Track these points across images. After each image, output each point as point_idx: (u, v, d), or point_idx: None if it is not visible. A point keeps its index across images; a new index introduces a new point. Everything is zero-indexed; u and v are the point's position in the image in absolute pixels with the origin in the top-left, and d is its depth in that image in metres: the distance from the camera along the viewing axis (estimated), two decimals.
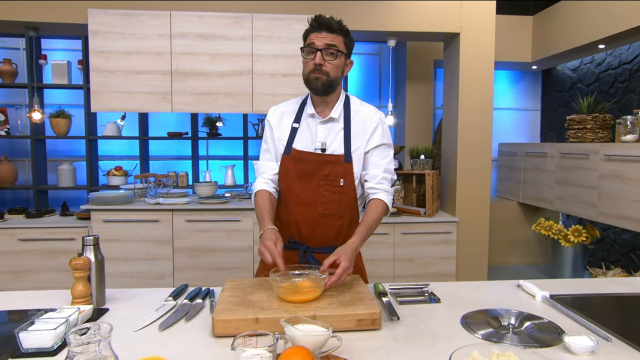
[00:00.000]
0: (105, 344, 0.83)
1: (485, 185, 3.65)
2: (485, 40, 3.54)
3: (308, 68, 1.56)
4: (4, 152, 4.47)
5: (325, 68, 1.54)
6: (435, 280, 3.57)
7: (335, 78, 1.58)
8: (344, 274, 1.32)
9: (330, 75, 1.55)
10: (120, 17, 3.30)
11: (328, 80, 1.56)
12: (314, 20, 1.55)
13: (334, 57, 1.54)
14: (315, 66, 1.53)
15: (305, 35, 1.58)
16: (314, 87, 1.57)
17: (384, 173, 1.63)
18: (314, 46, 1.53)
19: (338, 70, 1.58)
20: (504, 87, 5.18)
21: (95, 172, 4.42)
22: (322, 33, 1.53)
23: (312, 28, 1.55)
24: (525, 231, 4.73)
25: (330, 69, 1.55)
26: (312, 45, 1.53)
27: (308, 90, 1.62)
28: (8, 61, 4.22)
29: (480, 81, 3.55)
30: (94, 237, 1.36)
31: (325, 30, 1.53)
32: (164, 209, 3.35)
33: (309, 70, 1.55)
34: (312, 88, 1.58)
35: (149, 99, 3.37)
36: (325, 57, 1.53)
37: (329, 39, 1.53)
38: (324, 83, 1.55)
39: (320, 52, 1.52)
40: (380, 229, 3.52)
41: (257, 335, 0.98)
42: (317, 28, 1.54)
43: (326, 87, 1.57)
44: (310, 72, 1.55)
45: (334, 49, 1.53)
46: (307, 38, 1.57)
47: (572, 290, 1.58)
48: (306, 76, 1.57)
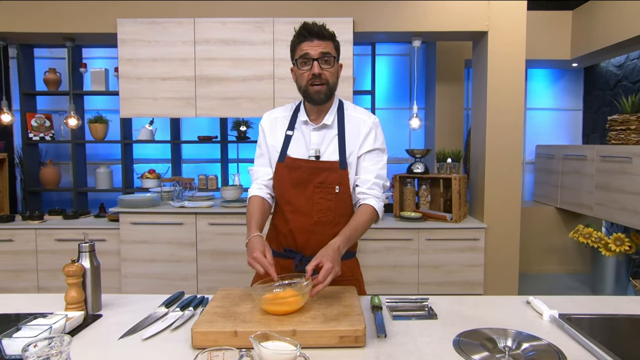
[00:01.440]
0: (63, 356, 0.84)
1: (515, 189, 3.47)
2: (515, 39, 3.37)
3: (305, 79, 1.52)
4: (49, 156, 4.73)
5: (325, 76, 1.50)
6: (462, 289, 3.45)
7: (334, 85, 1.55)
8: (327, 275, 1.28)
9: (330, 83, 1.53)
10: (147, 26, 3.40)
11: (329, 88, 1.53)
12: (304, 30, 1.49)
13: (330, 64, 1.51)
14: (314, 76, 1.49)
15: (294, 45, 1.53)
16: (316, 100, 1.54)
17: (375, 179, 1.58)
18: (309, 56, 1.48)
19: (335, 77, 1.55)
20: (541, 86, 4.93)
21: (130, 175, 4.59)
22: (315, 41, 1.48)
23: (302, 37, 1.49)
24: (563, 238, 4.47)
25: (328, 77, 1.51)
26: (306, 56, 1.49)
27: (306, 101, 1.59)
28: (53, 70, 4.46)
29: (510, 81, 3.39)
30: (89, 244, 1.40)
31: (317, 39, 1.48)
32: (188, 212, 3.42)
33: (307, 82, 1.52)
34: (313, 100, 1.54)
35: (174, 104, 3.46)
36: (322, 65, 1.50)
37: (322, 46, 1.48)
38: (325, 93, 1.53)
39: (317, 61, 1.48)
40: (404, 235, 3.45)
41: (225, 350, 0.96)
42: (308, 37, 1.48)
43: (328, 97, 1.55)
44: (309, 84, 1.52)
45: (329, 57, 1.50)
46: (298, 48, 1.51)
47: (589, 309, 1.46)
48: (304, 88, 1.53)
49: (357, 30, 3.44)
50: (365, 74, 4.57)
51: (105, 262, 3.51)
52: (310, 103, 1.57)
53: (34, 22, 3.49)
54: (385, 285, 3.51)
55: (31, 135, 4.43)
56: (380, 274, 3.51)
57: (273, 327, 1.16)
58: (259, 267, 1.34)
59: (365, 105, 4.66)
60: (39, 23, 3.49)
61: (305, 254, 1.60)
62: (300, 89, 1.55)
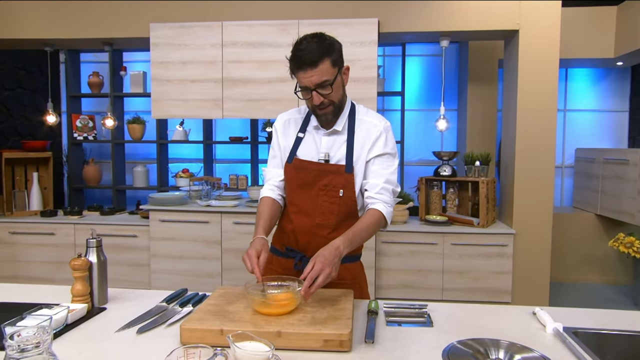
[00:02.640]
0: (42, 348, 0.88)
1: (547, 195, 3.32)
2: (548, 37, 3.23)
3: (310, 104, 1.53)
4: (92, 155, 4.99)
5: (326, 101, 1.49)
6: (488, 296, 3.34)
7: (340, 101, 1.55)
8: (315, 277, 1.26)
9: (335, 102, 1.52)
10: (178, 30, 3.52)
11: (335, 107, 1.53)
12: (296, 58, 1.43)
13: (329, 89, 1.47)
14: (315, 105, 1.49)
15: (291, 71, 1.49)
16: (323, 121, 1.57)
17: (384, 183, 1.55)
18: (307, 87, 1.46)
19: (339, 92, 1.53)
20: (582, 86, 4.68)
21: (165, 174, 4.76)
22: (308, 71, 1.42)
23: (295, 67, 1.45)
24: (603, 247, 4.22)
25: (332, 97, 1.50)
26: (303, 87, 1.47)
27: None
28: (96, 74, 4.70)
29: (543, 81, 3.24)
30: (96, 239, 1.46)
31: (309, 67, 1.42)
32: (213, 211, 3.50)
33: (312, 108, 1.53)
34: (321, 122, 1.58)
35: (202, 106, 3.56)
36: (321, 91, 1.46)
37: (316, 75, 1.42)
38: (332, 112, 1.54)
39: (315, 91, 1.46)
40: (429, 239, 3.39)
41: (202, 347, 0.98)
42: (300, 67, 1.43)
43: (335, 113, 1.56)
44: (314, 109, 1.53)
45: (325, 84, 1.46)
46: (296, 75, 1.47)
47: (602, 323, 1.38)
48: (312, 110, 1.55)
49: (382, 30, 3.41)
50: (396, 75, 4.52)
51: (136, 257, 3.67)
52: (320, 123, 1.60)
53: (75, 28, 3.69)
54: (409, 290, 3.45)
55: (76, 135, 4.69)
56: (404, 278, 3.45)
57: (260, 328, 1.17)
58: (249, 264, 1.36)
59: (395, 107, 4.60)
60: (80, 29, 3.69)
61: (306, 254, 1.60)
62: (309, 108, 1.59)
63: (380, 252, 3.44)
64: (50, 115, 4.11)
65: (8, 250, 3.80)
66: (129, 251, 3.67)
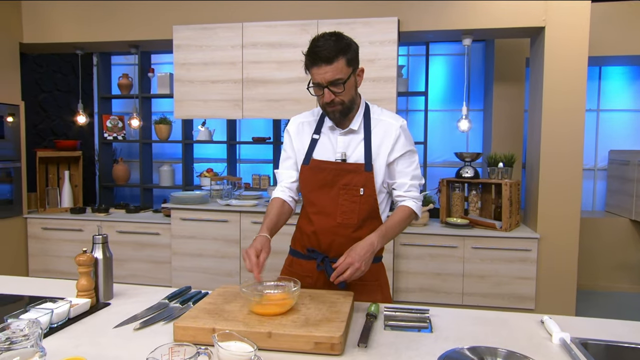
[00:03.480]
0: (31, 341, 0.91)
1: (574, 198, 3.18)
2: (576, 34, 3.09)
3: (321, 101, 1.53)
4: (122, 155, 5.15)
5: (337, 99, 1.49)
6: (511, 302, 3.24)
7: (351, 101, 1.54)
8: (345, 270, 1.35)
9: (345, 102, 1.52)
10: (200, 31, 3.58)
11: (344, 107, 1.53)
12: (312, 54, 1.44)
13: (341, 87, 1.47)
14: (326, 103, 1.50)
15: (306, 66, 1.49)
16: (332, 119, 1.57)
17: (411, 180, 1.60)
18: (319, 83, 1.46)
19: (351, 93, 1.52)
20: (617, 85, 4.47)
21: (190, 173, 4.85)
22: (322, 67, 1.43)
23: (309, 63, 1.46)
24: (638, 254, 4.02)
25: (343, 96, 1.50)
26: (317, 82, 1.47)
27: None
28: (125, 76, 4.85)
29: (570, 80, 3.11)
30: (102, 236, 1.50)
31: (324, 63, 1.42)
32: (233, 211, 3.54)
33: (322, 105, 1.54)
34: (330, 119, 1.58)
35: (222, 106, 3.60)
36: (333, 89, 1.47)
37: (329, 73, 1.43)
38: (341, 112, 1.53)
39: (327, 88, 1.46)
40: (449, 242, 3.31)
41: (186, 345, 0.99)
42: (314, 62, 1.44)
43: (345, 114, 1.55)
44: (324, 106, 1.53)
45: (338, 82, 1.46)
46: (309, 71, 1.49)
47: (616, 335, 1.30)
48: (323, 108, 1.55)
49: (403, 29, 3.35)
50: (420, 74, 4.44)
51: (158, 254, 3.76)
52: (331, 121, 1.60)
53: (103, 32, 3.81)
54: (428, 294, 3.38)
55: (106, 135, 4.85)
56: (423, 281, 3.39)
57: (251, 328, 1.17)
58: (248, 263, 1.37)
59: (419, 107, 4.53)
60: (107, 32, 3.81)
61: (329, 255, 1.60)
62: (319, 105, 1.58)
63: (398, 254, 3.39)
64: (80, 116, 4.27)
65: (41, 245, 3.96)
66: (151, 248, 3.76)
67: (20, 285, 1.67)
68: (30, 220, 3.97)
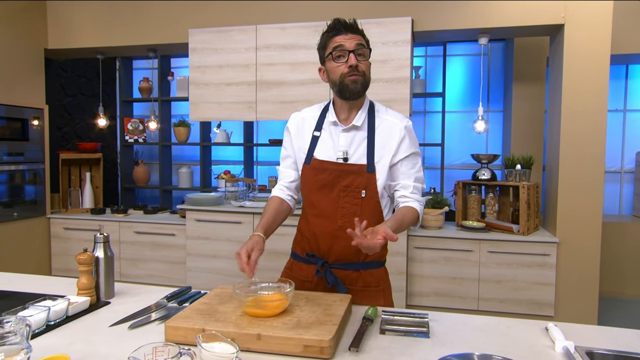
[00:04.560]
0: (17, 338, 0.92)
1: (596, 201, 3.06)
2: (598, 32, 2.97)
3: (340, 72, 1.48)
4: (143, 157, 5.25)
5: (361, 68, 1.48)
6: (529, 309, 3.15)
7: (368, 79, 1.52)
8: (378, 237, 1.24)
9: (366, 76, 1.50)
10: (215, 34, 3.61)
11: (365, 80, 1.50)
12: (338, 23, 1.49)
13: (365, 57, 1.49)
14: (351, 68, 1.46)
15: (326, 40, 1.51)
16: (353, 91, 1.48)
17: (414, 182, 1.56)
18: (345, 48, 1.46)
19: (369, 71, 1.52)
20: None
21: (208, 175, 4.91)
22: (349, 34, 1.47)
23: (336, 31, 1.49)
24: None
25: (365, 68, 1.49)
26: (341, 48, 1.46)
27: (339, 97, 1.54)
28: (146, 79, 4.95)
29: (591, 80, 2.99)
30: (104, 235, 1.52)
31: (350, 32, 1.48)
32: (246, 212, 3.55)
33: (344, 74, 1.47)
34: (350, 92, 1.48)
35: (237, 108, 3.63)
36: (358, 57, 1.47)
37: (356, 39, 1.48)
38: (362, 84, 1.49)
39: (353, 52, 1.46)
40: (465, 245, 3.25)
41: (170, 345, 0.99)
42: (342, 30, 1.48)
43: (364, 89, 1.51)
44: (345, 76, 1.47)
45: (364, 49, 1.48)
46: (331, 42, 1.49)
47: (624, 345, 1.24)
48: (340, 81, 1.48)
49: (417, 29, 3.31)
50: (438, 75, 4.37)
51: (173, 255, 3.81)
52: (345, 97, 1.51)
53: (122, 36, 3.90)
54: (442, 298, 3.31)
55: (127, 138, 4.96)
56: (438, 285, 3.32)
57: (241, 329, 1.16)
58: (238, 264, 1.37)
59: (436, 109, 4.46)
60: (126, 37, 3.89)
61: (328, 260, 1.57)
62: (335, 84, 1.51)
63: (412, 257, 3.33)
64: (101, 119, 4.37)
65: (63, 245, 4.07)
66: (167, 249, 3.81)
67: (25, 282, 1.71)
68: (53, 220, 4.08)
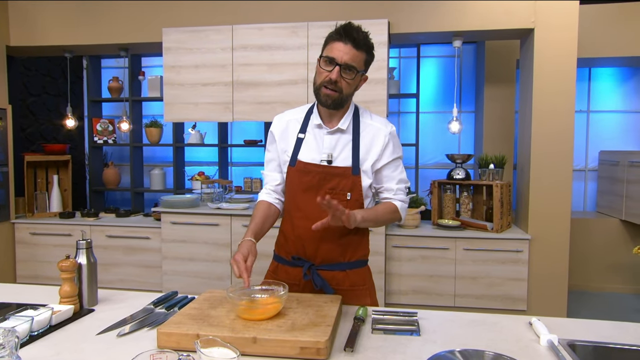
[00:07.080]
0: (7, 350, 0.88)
1: (565, 199, 3.19)
2: (565, 36, 3.11)
3: (321, 78, 1.47)
4: (112, 158, 5.10)
5: (340, 85, 1.45)
6: (504, 304, 3.25)
7: (347, 95, 1.50)
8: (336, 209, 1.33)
9: (343, 93, 1.48)
10: (190, 34, 3.55)
11: (340, 97, 1.48)
12: (344, 31, 1.43)
13: (351, 76, 1.45)
14: (330, 80, 1.45)
15: (328, 40, 1.48)
16: (322, 102, 1.50)
17: (398, 184, 1.60)
18: (334, 58, 1.43)
19: (352, 88, 1.50)
20: (607, 86, 4.50)
21: (181, 177, 4.81)
22: (347, 46, 1.42)
23: (338, 36, 1.43)
24: (629, 254, 4.03)
25: (344, 86, 1.46)
26: (332, 56, 1.44)
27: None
28: (116, 79, 4.81)
29: (560, 81, 3.12)
30: (86, 241, 1.47)
31: (351, 43, 1.42)
32: (223, 214, 3.52)
33: (321, 83, 1.47)
34: (320, 102, 1.51)
35: (213, 109, 3.58)
36: (343, 74, 1.44)
37: (351, 54, 1.42)
38: (334, 100, 1.48)
39: (340, 67, 1.43)
40: (441, 243, 3.31)
41: (167, 352, 0.97)
42: (343, 38, 1.42)
43: (336, 104, 1.50)
44: (322, 85, 1.47)
45: (352, 69, 1.44)
46: (329, 46, 1.46)
47: (604, 336, 1.30)
48: (317, 87, 1.49)
49: (393, 32, 3.36)
50: (411, 76, 4.45)
51: (148, 259, 3.72)
52: (318, 103, 1.54)
53: (92, 35, 3.78)
54: (420, 296, 3.37)
55: (96, 139, 4.81)
56: (415, 283, 3.38)
57: (237, 333, 1.15)
58: (236, 269, 1.35)
59: (410, 109, 4.53)
60: (96, 35, 3.78)
61: (315, 262, 1.57)
62: (314, 85, 1.51)
63: (390, 256, 3.38)
64: (69, 119, 4.23)
65: (29, 250, 3.91)
66: (142, 252, 3.72)
67: (2, 291, 1.64)
68: (18, 226, 3.92)
